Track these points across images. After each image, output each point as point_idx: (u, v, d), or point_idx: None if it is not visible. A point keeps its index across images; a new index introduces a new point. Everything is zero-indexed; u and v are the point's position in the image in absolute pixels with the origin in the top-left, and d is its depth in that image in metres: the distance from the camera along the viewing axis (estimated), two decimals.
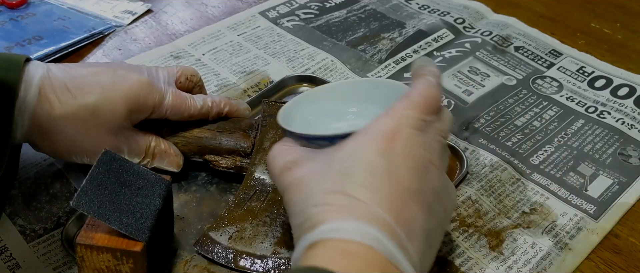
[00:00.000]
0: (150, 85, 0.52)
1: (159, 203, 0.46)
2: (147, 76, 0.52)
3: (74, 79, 0.50)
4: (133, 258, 0.43)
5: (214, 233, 0.51)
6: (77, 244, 0.43)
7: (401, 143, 0.37)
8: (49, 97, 0.48)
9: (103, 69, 0.51)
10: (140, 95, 0.51)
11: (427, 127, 0.39)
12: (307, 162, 0.40)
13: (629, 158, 0.61)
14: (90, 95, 0.49)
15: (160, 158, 0.54)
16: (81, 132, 0.49)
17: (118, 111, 0.50)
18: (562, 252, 0.52)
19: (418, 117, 0.39)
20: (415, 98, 0.40)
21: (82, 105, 0.49)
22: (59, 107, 0.48)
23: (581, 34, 0.79)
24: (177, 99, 0.53)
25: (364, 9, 0.83)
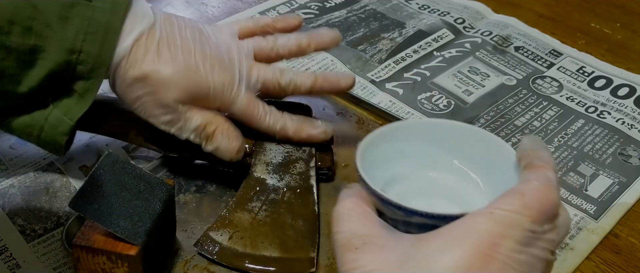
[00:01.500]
0: (221, 90, 0.50)
1: (158, 207, 0.46)
2: (229, 76, 0.51)
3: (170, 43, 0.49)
4: (128, 262, 0.43)
5: (214, 233, 0.50)
6: (73, 245, 0.43)
7: (497, 264, 0.30)
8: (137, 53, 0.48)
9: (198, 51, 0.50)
10: (209, 97, 0.50)
11: (536, 240, 0.31)
12: (379, 250, 0.32)
13: (629, 159, 0.61)
14: (166, 68, 0.48)
15: (211, 141, 0.51)
16: (144, 97, 0.49)
17: (174, 97, 0.49)
18: (562, 252, 0.52)
19: (528, 228, 0.31)
20: (528, 200, 0.31)
21: (153, 72, 0.48)
22: (139, 66, 0.48)
23: (581, 34, 0.79)
24: (247, 108, 0.52)
25: (364, 9, 0.83)
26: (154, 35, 0.49)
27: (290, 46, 0.56)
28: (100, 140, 0.60)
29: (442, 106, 0.67)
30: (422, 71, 0.72)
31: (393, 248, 0.32)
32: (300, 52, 0.56)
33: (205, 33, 0.52)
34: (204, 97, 0.50)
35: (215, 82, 0.50)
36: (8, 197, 0.54)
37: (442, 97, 0.68)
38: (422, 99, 0.67)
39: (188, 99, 0.49)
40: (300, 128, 0.54)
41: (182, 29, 0.51)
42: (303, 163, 0.55)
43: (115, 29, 0.47)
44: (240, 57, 0.53)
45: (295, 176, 0.54)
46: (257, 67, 0.54)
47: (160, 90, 0.48)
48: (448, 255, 0.30)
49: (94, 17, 0.46)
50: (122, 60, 0.47)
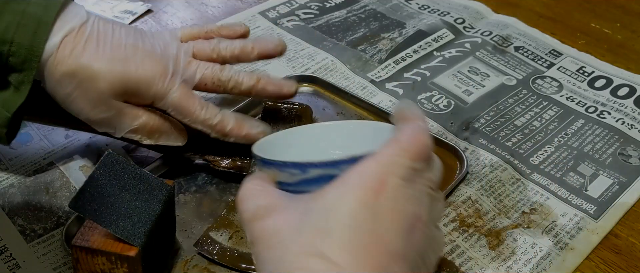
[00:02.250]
0: (152, 81, 0.49)
1: (158, 208, 0.46)
2: (161, 67, 0.50)
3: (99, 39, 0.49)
4: (127, 263, 0.43)
5: (214, 233, 0.51)
6: (72, 246, 0.43)
7: (387, 196, 0.33)
8: (65, 49, 0.48)
9: (129, 45, 0.50)
10: (140, 89, 0.50)
11: (416, 177, 0.35)
12: (282, 211, 0.35)
13: (629, 159, 0.61)
14: (93, 61, 0.48)
15: (154, 135, 0.52)
16: (74, 92, 0.49)
17: (102, 91, 0.48)
18: (562, 252, 0.52)
19: (407, 165, 0.34)
20: (404, 144, 0.35)
21: (79, 66, 0.48)
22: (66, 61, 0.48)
23: (581, 34, 0.79)
24: (181, 101, 0.51)
25: (364, 9, 0.83)
26: (84, 31, 0.49)
27: (232, 48, 0.55)
28: (100, 140, 0.60)
29: (442, 106, 0.67)
30: (422, 71, 0.72)
31: (295, 207, 0.35)
32: (243, 55, 0.55)
33: (142, 33, 0.52)
34: (135, 89, 0.49)
35: (146, 72, 0.49)
36: (8, 197, 0.54)
37: (442, 97, 0.68)
38: (422, 99, 0.67)
39: (118, 92, 0.49)
40: (240, 125, 0.52)
41: (116, 28, 0.51)
42: None
43: (46, 23, 0.47)
44: (178, 53, 0.52)
45: None
46: (196, 62, 0.53)
47: (88, 85, 0.48)
48: (344, 195, 0.33)
49: (26, 10, 0.47)
50: (51, 57, 0.47)
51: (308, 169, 0.36)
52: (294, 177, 0.36)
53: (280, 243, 0.34)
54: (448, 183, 0.56)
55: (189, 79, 0.52)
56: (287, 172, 0.37)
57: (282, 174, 0.37)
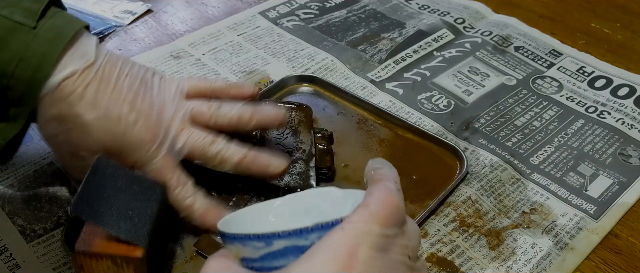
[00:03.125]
0: (137, 147, 0.48)
1: (155, 208, 0.46)
2: (150, 134, 0.48)
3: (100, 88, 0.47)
4: (133, 264, 0.43)
5: (214, 233, 0.50)
6: (76, 251, 0.42)
7: (360, 265, 0.31)
8: (62, 91, 0.46)
9: (127, 101, 0.48)
10: (123, 152, 0.48)
11: (390, 245, 0.33)
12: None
13: (629, 159, 0.61)
14: (85, 114, 0.46)
15: None
16: (59, 136, 0.48)
17: (86, 146, 0.47)
18: (562, 252, 0.52)
19: (378, 233, 0.32)
20: (373, 208, 0.33)
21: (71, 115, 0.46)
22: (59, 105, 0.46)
23: (581, 34, 0.79)
24: (158, 173, 0.49)
25: (364, 9, 0.83)
26: (87, 77, 0.47)
27: (230, 116, 0.52)
28: None
29: (442, 106, 0.67)
30: (422, 71, 0.72)
31: None
32: (240, 125, 0.52)
33: (149, 84, 0.50)
34: (118, 150, 0.48)
35: (133, 138, 0.48)
36: (8, 197, 0.54)
37: (442, 97, 0.68)
38: (422, 99, 0.67)
39: (101, 149, 0.47)
40: (206, 215, 0.50)
41: (121, 76, 0.48)
42: (303, 164, 0.55)
43: (50, 60, 0.45)
44: (174, 117, 0.50)
45: (295, 176, 0.54)
46: (188, 131, 0.51)
47: (74, 135, 0.47)
48: (305, 269, 0.31)
49: (32, 45, 0.45)
50: (46, 96, 0.46)
51: (272, 241, 0.33)
52: (258, 251, 0.34)
53: None
54: (448, 183, 0.56)
55: (176, 151, 0.50)
56: (250, 246, 0.34)
57: (245, 249, 0.34)
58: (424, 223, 0.54)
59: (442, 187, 0.56)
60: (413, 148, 0.61)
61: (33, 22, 0.46)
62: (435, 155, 0.60)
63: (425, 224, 0.54)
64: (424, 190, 0.57)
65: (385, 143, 0.62)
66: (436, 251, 0.52)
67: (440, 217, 0.54)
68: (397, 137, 0.62)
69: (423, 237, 0.53)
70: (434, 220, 0.54)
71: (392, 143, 0.62)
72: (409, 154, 0.60)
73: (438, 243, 0.52)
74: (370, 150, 0.61)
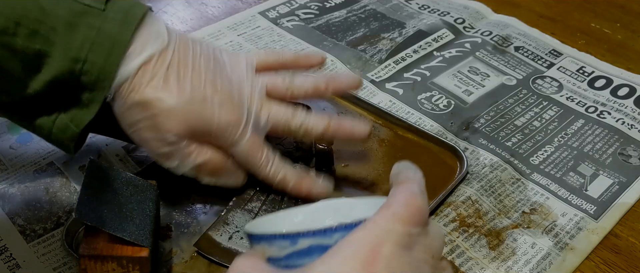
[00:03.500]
0: (225, 129, 0.48)
1: (153, 208, 0.46)
2: (236, 115, 0.48)
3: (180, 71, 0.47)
4: (139, 264, 0.43)
5: (214, 233, 0.51)
6: (80, 255, 0.42)
7: (384, 264, 0.31)
8: (143, 76, 0.46)
9: (209, 82, 0.48)
10: (212, 134, 0.48)
11: (413, 244, 0.33)
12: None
13: (629, 159, 0.61)
14: (171, 98, 0.46)
15: (213, 179, 0.50)
16: (142, 122, 0.47)
17: (174, 130, 0.47)
18: (562, 252, 0.52)
19: (401, 231, 0.32)
20: (396, 209, 0.33)
21: (156, 100, 0.46)
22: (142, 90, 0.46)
23: (581, 34, 0.79)
24: (249, 152, 0.49)
25: (364, 9, 0.83)
26: (165, 59, 0.46)
27: (306, 88, 0.53)
28: (100, 140, 0.60)
29: (442, 106, 0.67)
30: (422, 71, 0.72)
31: None
32: (316, 94, 0.54)
33: (221, 62, 0.50)
34: (207, 133, 0.48)
35: (221, 119, 0.47)
36: (8, 197, 0.54)
37: (442, 97, 0.68)
38: (422, 99, 0.67)
39: (189, 133, 0.47)
40: (300, 184, 0.51)
41: (196, 56, 0.48)
42: (303, 164, 0.55)
43: (122, 43, 0.45)
44: (252, 94, 0.50)
45: None
46: (268, 106, 0.51)
47: (160, 120, 0.46)
48: (330, 266, 0.31)
49: (102, 27, 0.45)
50: (126, 82, 0.45)
51: (297, 240, 0.34)
52: (284, 250, 0.34)
53: None
54: (448, 183, 0.56)
55: (261, 128, 0.50)
56: (276, 246, 0.35)
57: (271, 249, 0.35)
58: None
59: (442, 187, 0.56)
60: (413, 148, 0.61)
61: (102, 4, 0.45)
62: (435, 155, 0.60)
63: None
64: None
65: (385, 143, 0.62)
66: None
67: (440, 217, 0.54)
68: (397, 137, 0.62)
69: None
70: (434, 220, 0.54)
71: (392, 143, 0.62)
72: (409, 154, 0.60)
73: None
74: (370, 150, 0.61)
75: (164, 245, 0.50)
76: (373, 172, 0.58)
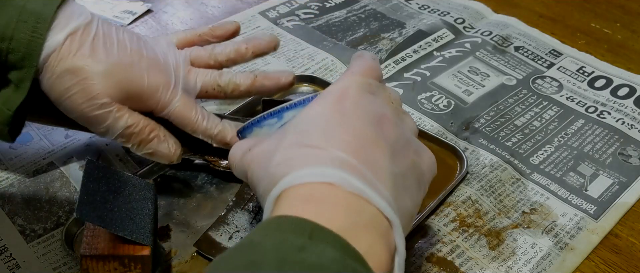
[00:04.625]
0: (156, 91, 0.50)
1: (151, 207, 0.46)
2: (164, 77, 0.51)
3: (106, 41, 0.49)
4: (141, 263, 0.43)
5: (214, 233, 0.51)
6: (81, 256, 0.42)
7: (351, 99, 0.38)
8: (70, 46, 0.48)
9: (134, 51, 0.50)
10: (143, 97, 0.50)
11: (375, 91, 0.40)
12: (265, 139, 0.40)
13: (629, 159, 0.61)
14: (100, 62, 0.48)
15: (147, 146, 0.51)
16: (73, 89, 0.48)
17: (105, 91, 0.48)
18: (562, 252, 0.52)
19: (361, 81, 0.40)
20: (354, 68, 0.41)
21: (86, 65, 0.48)
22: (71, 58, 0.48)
23: (581, 34, 0.79)
24: (183, 110, 0.52)
25: (364, 9, 0.83)
26: (90, 31, 0.48)
27: (228, 52, 0.56)
28: (100, 140, 0.60)
29: (442, 106, 0.67)
30: (422, 71, 0.72)
31: (276, 133, 0.40)
32: (239, 57, 0.56)
33: (143, 39, 0.52)
34: (138, 96, 0.50)
35: (151, 81, 0.50)
36: (8, 197, 0.54)
37: (442, 97, 0.68)
38: (422, 99, 0.67)
39: (120, 97, 0.49)
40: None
41: (119, 31, 0.51)
42: None
43: (46, 19, 0.47)
44: (177, 62, 0.53)
45: None
46: (195, 71, 0.54)
47: (91, 83, 0.48)
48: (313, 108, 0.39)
49: (26, 6, 0.47)
50: (53, 53, 0.47)
51: (283, 114, 0.41)
52: (273, 126, 0.41)
53: (266, 154, 0.38)
54: (448, 183, 0.56)
55: (191, 89, 0.53)
56: (266, 126, 0.41)
57: (262, 130, 0.42)
58: (423, 223, 0.54)
59: (442, 187, 0.56)
60: None
61: None
62: (435, 155, 0.60)
63: (425, 224, 0.54)
64: None
65: None
66: (436, 251, 0.52)
67: (440, 217, 0.54)
68: None
69: (423, 237, 0.53)
70: (434, 220, 0.54)
71: None
72: None
73: (438, 243, 0.52)
74: None
75: (163, 245, 0.50)
76: None
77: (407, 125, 0.42)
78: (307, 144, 0.36)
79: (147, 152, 0.51)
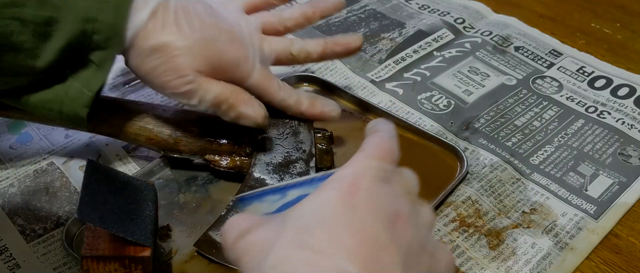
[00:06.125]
0: (237, 63, 0.52)
1: (152, 208, 0.46)
2: (244, 51, 0.52)
3: (186, 16, 0.50)
4: (142, 264, 0.43)
5: (214, 233, 0.51)
6: (82, 257, 0.42)
7: (362, 193, 0.34)
8: (155, 24, 0.48)
9: (213, 25, 0.51)
10: (227, 70, 0.51)
11: (389, 179, 0.36)
12: (264, 225, 0.35)
13: (629, 159, 0.61)
14: (186, 38, 0.49)
15: (235, 110, 0.51)
16: (162, 66, 0.49)
17: (193, 66, 0.49)
18: (562, 252, 0.52)
19: (376, 166, 0.35)
20: (370, 150, 0.37)
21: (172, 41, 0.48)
22: (157, 36, 0.48)
23: (581, 34, 0.79)
24: (262, 81, 0.53)
25: (364, 9, 0.83)
26: (169, 9, 0.49)
27: (296, 17, 0.58)
28: (100, 139, 0.60)
29: (442, 106, 0.67)
30: (422, 71, 0.72)
31: (276, 219, 0.35)
32: (306, 21, 0.58)
33: (214, 8, 0.53)
34: (222, 69, 0.51)
35: (232, 55, 0.51)
36: (8, 197, 0.54)
37: (442, 97, 0.68)
38: (422, 99, 0.67)
39: (206, 70, 0.50)
40: (314, 104, 0.56)
41: (194, 3, 0.51)
42: (303, 163, 0.55)
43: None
44: (250, 32, 0.54)
45: (295, 176, 0.54)
46: (268, 40, 0.55)
47: (179, 60, 0.49)
48: (320, 198, 0.34)
49: None
50: (140, 31, 0.48)
51: (287, 191, 0.37)
52: (275, 204, 0.37)
53: (265, 247, 0.33)
54: (448, 183, 0.56)
55: (266, 59, 0.55)
56: (267, 201, 0.38)
57: (262, 205, 0.38)
58: None
59: (442, 187, 0.56)
60: (413, 148, 0.61)
61: None
62: (435, 155, 0.60)
63: None
64: (424, 190, 0.55)
65: None
66: None
67: (440, 217, 0.54)
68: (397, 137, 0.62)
69: None
70: None
71: None
72: (409, 154, 0.60)
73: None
74: None
75: (163, 245, 0.50)
76: None
77: (423, 220, 0.37)
78: (308, 246, 0.32)
79: (235, 116, 0.52)
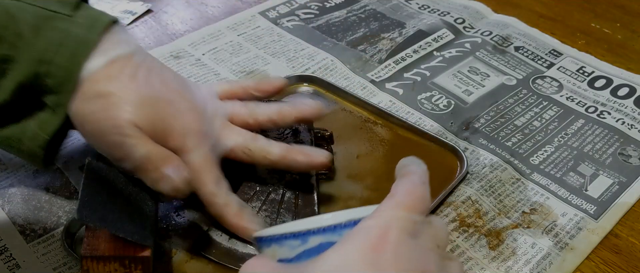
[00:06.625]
0: (185, 136, 0.47)
1: (152, 208, 0.46)
2: (197, 125, 0.47)
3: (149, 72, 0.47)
4: (142, 264, 0.43)
5: (214, 233, 0.51)
6: (82, 257, 0.42)
7: (389, 249, 0.32)
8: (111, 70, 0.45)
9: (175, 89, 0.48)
10: (168, 137, 0.46)
11: (419, 232, 0.34)
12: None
13: (629, 159, 0.61)
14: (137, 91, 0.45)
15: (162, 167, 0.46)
16: (100, 112, 0.45)
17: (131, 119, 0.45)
18: (562, 252, 0.52)
19: (405, 217, 0.33)
20: (399, 197, 0.34)
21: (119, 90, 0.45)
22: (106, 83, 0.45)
23: (581, 34, 0.79)
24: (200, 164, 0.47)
25: (364, 9, 0.83)
26: (132, 62, 0.46)
27: (270, 113, 0.52)
28: None
29: (442, 106, 0.67)
30: (422, 71, 0.72)
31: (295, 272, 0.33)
32: (280, 120, 0.52)
33: (186, 81, 0.51)
34: (165, 135, 0.46)
35: (183, 124, 0.47)
36: (8, 197, 0.54)
37: (442, 97, 0.68)
38: (422, 99, 0.68)
39: (147, 129, 0.45)
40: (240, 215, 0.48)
41: (164, 68, 0.49)
42: None
43: (88, 44, 0.45)
44: (215, 114, 0.50)
45: (295, 176, 0.54)
46: (230, 128, 0.51)
47: (118, 109, 0.45)
48: (345, 257, 0.31)
49: (69, 30, 0.45)
50: (91, 76, 0.45)
51: (308, 238, 0.35)
52: (294, 250, 0.35)
53: None
54: (448, 183, 0.56)
55: (219, 146, 0.49)
56: (286, 246, 0.35)
57: (281, 249, 0.35)
58: None
59: (442, 187, 0.56)
60: (413, 148, 0.61)
61: (69, 11, 0.46)
62: (435, 155, 0.60)
63: None
64: None
65: (385, 143, 0.62)
66: None
67: (440, 217, 0.54)
68: (397, 137, 0.62)
69: None
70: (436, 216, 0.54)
71: (392, 143, 0.62)
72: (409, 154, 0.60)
73: None
74: (370, 151, 0.61)
75: (164, 245, 0.50)
76: (373, 172, 0.58)
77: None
78: None
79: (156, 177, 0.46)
